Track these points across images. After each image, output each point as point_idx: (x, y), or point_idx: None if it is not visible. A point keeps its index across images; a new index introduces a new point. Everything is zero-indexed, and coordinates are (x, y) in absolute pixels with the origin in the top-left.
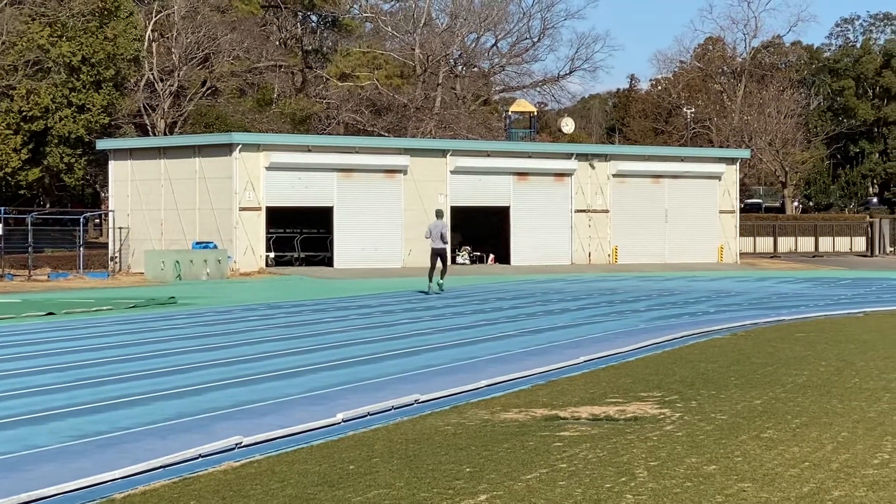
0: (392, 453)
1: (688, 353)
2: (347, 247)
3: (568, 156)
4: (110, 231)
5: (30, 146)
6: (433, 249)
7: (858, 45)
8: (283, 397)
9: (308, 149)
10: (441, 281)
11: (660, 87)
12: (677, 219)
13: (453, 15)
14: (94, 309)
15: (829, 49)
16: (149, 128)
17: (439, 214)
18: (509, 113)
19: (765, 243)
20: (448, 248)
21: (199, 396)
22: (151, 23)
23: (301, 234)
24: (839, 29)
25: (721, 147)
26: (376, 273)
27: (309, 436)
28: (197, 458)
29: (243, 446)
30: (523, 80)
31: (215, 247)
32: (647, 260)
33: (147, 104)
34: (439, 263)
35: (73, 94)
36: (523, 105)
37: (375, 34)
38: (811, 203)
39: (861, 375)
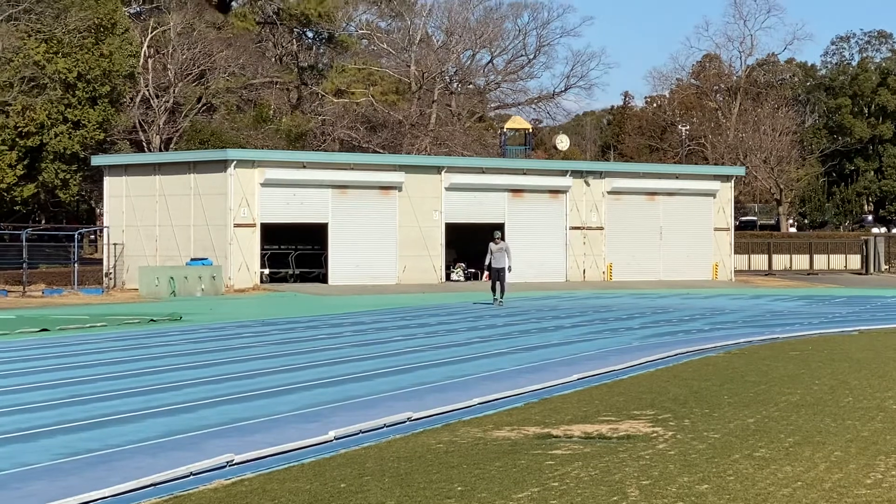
0: (384, 471)
1: (681, 371)
2: (342, 263)
3: (563, 173)
4: (105, 247)
5: (25, 162)
6: None
7: (854, 63)
8: (275, 415)
9: (303, 165)
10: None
11: (655, 105)
12: (672, 236)
13: (449, 32)
14: (88, 325)
15: (826, 67)
16: (144, 144)
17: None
18: (504, 130)
19: (760, 261)
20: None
21: (191, 414)
22: (147, 39)
23: (296, 251)
24: (834, 47)
25: (716, 164)
26: (371, 290)
27: (300, 454)
28: (188, 476)
29: (234, 464)
30: (518, 97)
31: (210, 263)
32: (642, 277)
33: (142, 120)
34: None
35: (68, 110)
36: (518, 122)
37: (371, 51)
38: (806, 221)
39: (855, 394)
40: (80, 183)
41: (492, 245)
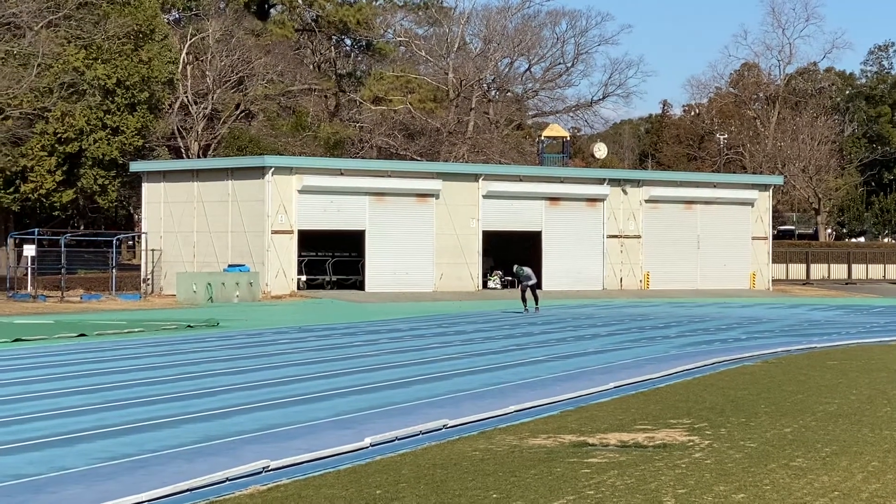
0: (419, 478)
1: (718, 380)
2: (379, 270)
3: (600, 181)
4: (143, 253)
5: (64, 168)
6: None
7: (894, 72)
8: (311, 421)
9: (340, 172)
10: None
11: (693, 113)
12: (709, 245)
13: (487, 40)
14: (125, 331)
15: (865, 76)
16: (182, 150)
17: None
18: (542, 138)
19: (798, 270)
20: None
21: (228, 419)
22: (186, 46)
23: (333, 258)
24: (874, 56)
25: (754, 173)
26: (407, 297)
27: (336, 460)
28: (224, 482)
29: (270, 470)
30: (556, 105)
31: (248, 269)
32: (679, 286)
33: (181, 127)
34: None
35: (107, 116)
36: (556, 130)
37: (409, 58)
38: (844, 230)
39: (893, 404)
40: (119, 189)
41: (516, 276)
